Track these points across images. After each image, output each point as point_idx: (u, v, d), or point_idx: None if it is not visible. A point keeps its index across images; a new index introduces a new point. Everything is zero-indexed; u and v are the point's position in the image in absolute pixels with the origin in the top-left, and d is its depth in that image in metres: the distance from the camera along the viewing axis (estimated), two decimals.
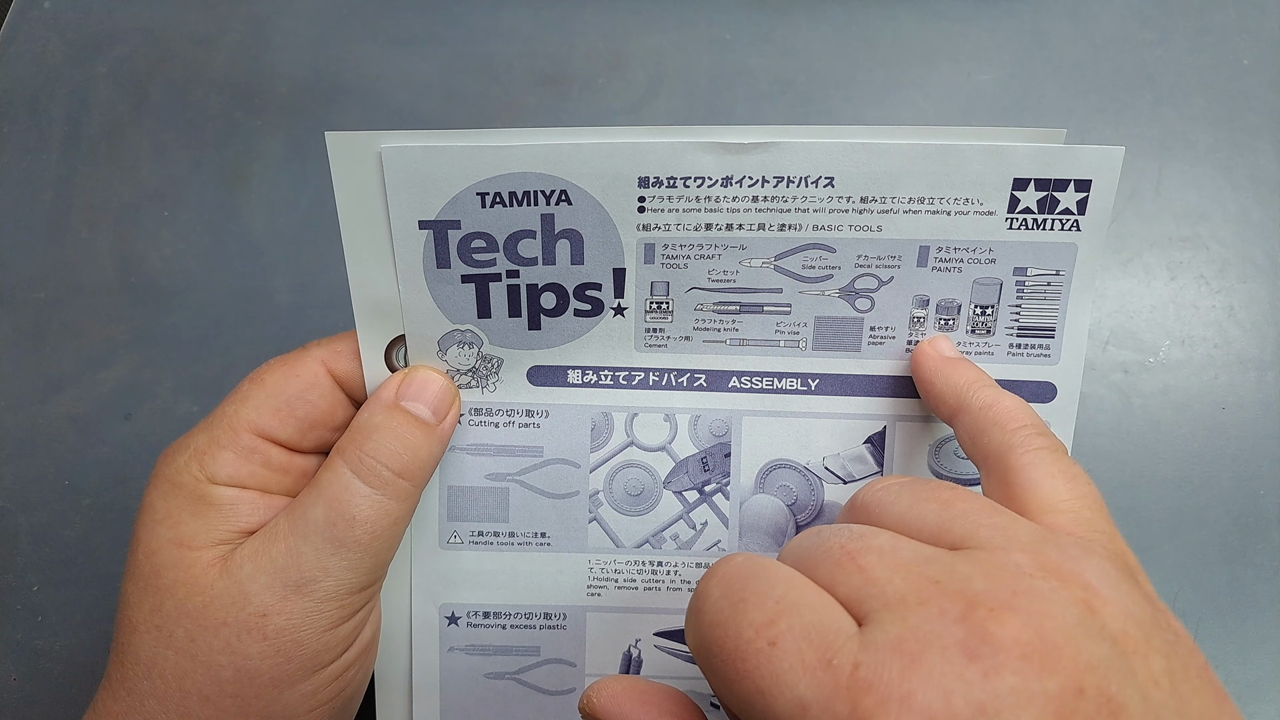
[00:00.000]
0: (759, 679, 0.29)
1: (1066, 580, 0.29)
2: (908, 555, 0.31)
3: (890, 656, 0.27)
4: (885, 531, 0.33)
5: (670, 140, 0.40)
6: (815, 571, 0.32)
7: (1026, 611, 0.28)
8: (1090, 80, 0.61)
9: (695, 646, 0.33)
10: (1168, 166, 0.59)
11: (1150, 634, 0.29)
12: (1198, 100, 0.60)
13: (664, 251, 0.42)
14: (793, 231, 0.42)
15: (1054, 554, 0.30)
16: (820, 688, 0.27)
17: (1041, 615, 0.28)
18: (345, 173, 0.40)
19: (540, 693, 0.46)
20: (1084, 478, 0.36)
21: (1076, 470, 0.36)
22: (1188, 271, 0.57)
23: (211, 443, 0.40)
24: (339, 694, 0.41)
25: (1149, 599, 0.31)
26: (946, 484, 0.34)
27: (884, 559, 0.31)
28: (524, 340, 0.43)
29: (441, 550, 0.45)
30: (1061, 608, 0.28)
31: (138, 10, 0.64)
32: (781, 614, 0.30)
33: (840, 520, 0.37)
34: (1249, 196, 0.59)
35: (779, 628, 0.29)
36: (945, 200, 0.41)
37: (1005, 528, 0.31)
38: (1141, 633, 0.29)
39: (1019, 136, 0.41)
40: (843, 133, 0.40)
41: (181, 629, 0.38)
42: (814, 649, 0.28)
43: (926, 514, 0.33)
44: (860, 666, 0.27)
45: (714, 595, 0.32)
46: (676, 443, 0.45)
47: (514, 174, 0.40)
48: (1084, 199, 0.41)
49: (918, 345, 0.43)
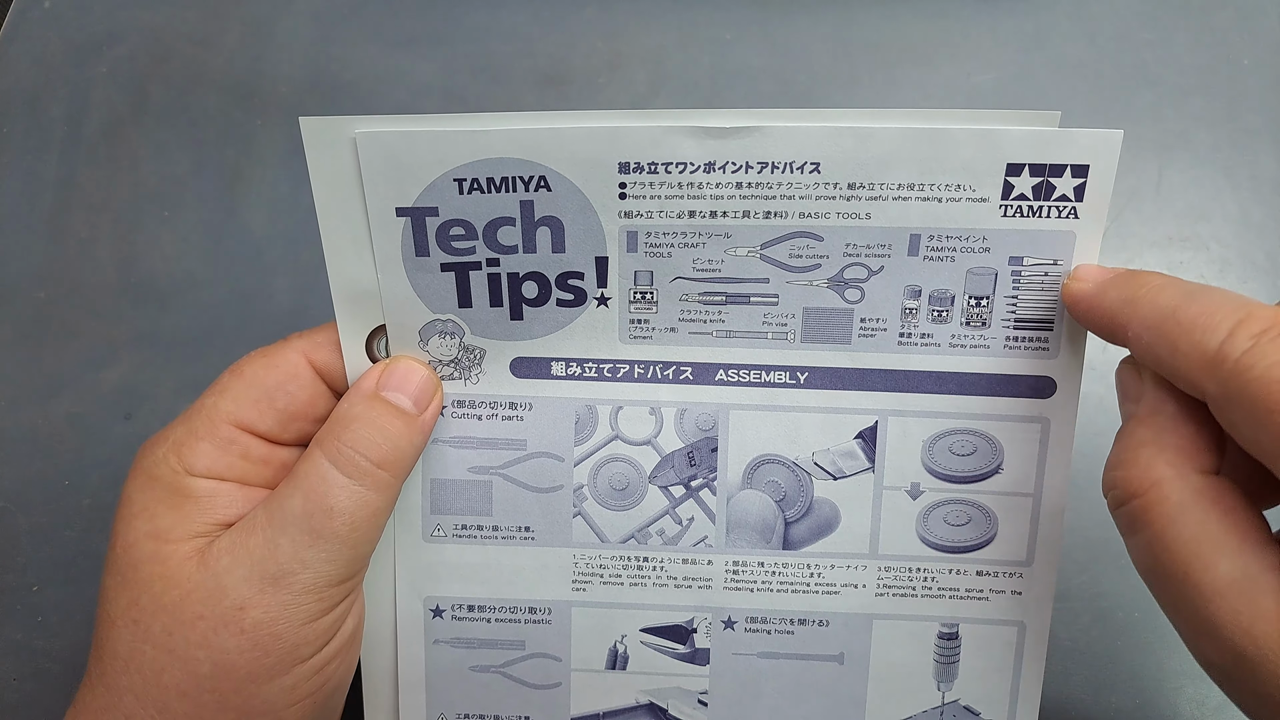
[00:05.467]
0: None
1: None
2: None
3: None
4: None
5: (650, 124, 0.39)
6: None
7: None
8: (1090, 80, 0.61)
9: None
10: (1168, 166, 0.59)
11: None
12: (1198, 100, 0.60)
13: (647, 240, 0.41)
14: (779, 219, 0.41)
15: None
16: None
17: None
18: (321, 159, 0.40)
19: (526, 686, 0.46)
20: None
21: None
22: (1188, 271, 0.57)
23: (190, 434, 0.40)
24: (320, 688, 0.41)
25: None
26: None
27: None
28: (506, 331, 0.43)
29: (425, 543, 0.45)
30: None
31: (138, 10, 0.64)
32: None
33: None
34: (1249, 196, 0.58)
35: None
36: (936, 186, 0.40)
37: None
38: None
39: (1012, 120, 0.40)
40: (829, 116, 0.40)
41: (158, 623, 0.38)
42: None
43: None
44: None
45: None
46: (662, 437, 0.44)
47: (491, 159, 0.40)
48: (1081, 185, 0.40)
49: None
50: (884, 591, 0.45)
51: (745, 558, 0.45)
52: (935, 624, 0.45)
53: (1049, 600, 0.45)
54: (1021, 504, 0.44)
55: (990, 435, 0.43)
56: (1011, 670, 0.45)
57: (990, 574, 0.44)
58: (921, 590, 0.45)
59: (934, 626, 0.45)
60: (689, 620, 0.45)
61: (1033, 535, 0.44)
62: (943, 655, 0.45)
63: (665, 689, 0.46)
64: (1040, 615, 0.45)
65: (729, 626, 0.45)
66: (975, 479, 0.44)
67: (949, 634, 0.45)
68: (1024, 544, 0.44)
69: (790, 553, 0.45)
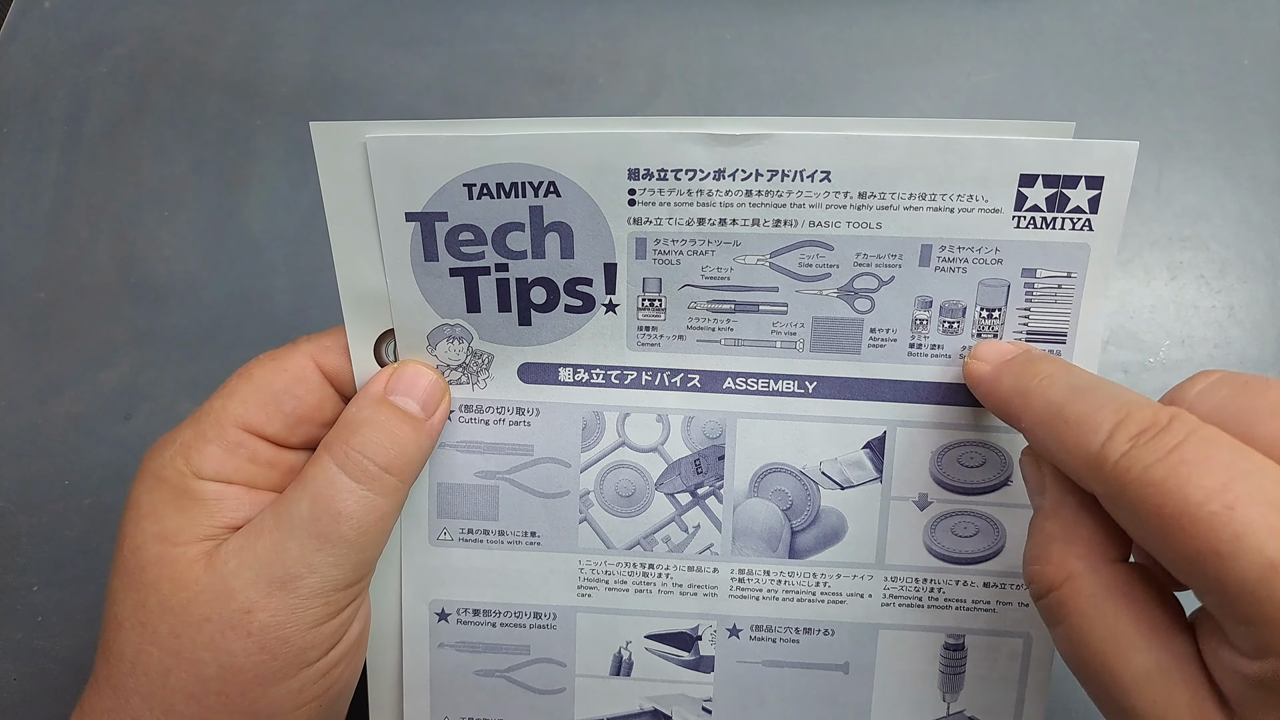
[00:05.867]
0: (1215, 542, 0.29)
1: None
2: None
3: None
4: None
5: (661, 131, 0.39)
6: (1253, 432, 0.32)
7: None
8: (1090, 80, 0.61)
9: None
10: (1168, 166, 0.59)
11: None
12: (1198, 100, 0.60)
13: (656, 246, 0.41)
14: (788, 228, 0.41)
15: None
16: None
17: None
18: (331, 164, 0.40)
19: (530, 691, 0.46)
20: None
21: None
22: (1188, 271, 0.57)
23: (197, 437, 0.40)
24: (326, 691, 0.41)
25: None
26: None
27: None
28: (514, 336, 0.43)
29: (431, 547, 0.45)
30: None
31: (138, 10, 0.64)
32: (1234, 480, 0.30)
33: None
34: (1249, 196, 0.58)
35: (1235, 493, 0.29)
36: (948, 197, 0.40)
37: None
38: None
39: (1026, 130, 0.39)
40: (839, 124, 0.40)
41: (165, 625, 0.38)
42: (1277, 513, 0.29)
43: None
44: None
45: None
46: (669, 444, 0.44)
47: (501, 165, 0.40)
48: (1096, 196, 0.40)
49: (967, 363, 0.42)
50: (890, 601, 0.45)
51: (751, 566, 0.45)
52: (941, 635, 0.45)
53: None
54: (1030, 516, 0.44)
55: (999, 447, 0.43)
56: (1017, 682, 0.45)
57: (997, 585, 0.45)
58: (928, 601, 0.45)
59: (940, 637, 0.45)
60: (694, 628, 0.45)
61: None
62: (948, 666, 0.45)
63: (669, 696, 0.46)
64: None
65: (734, 634, 0.45)
66: (983, 491, 0.44)
67: (955, 645, 0.45)
68: None
69: (796, 561, 0.45)
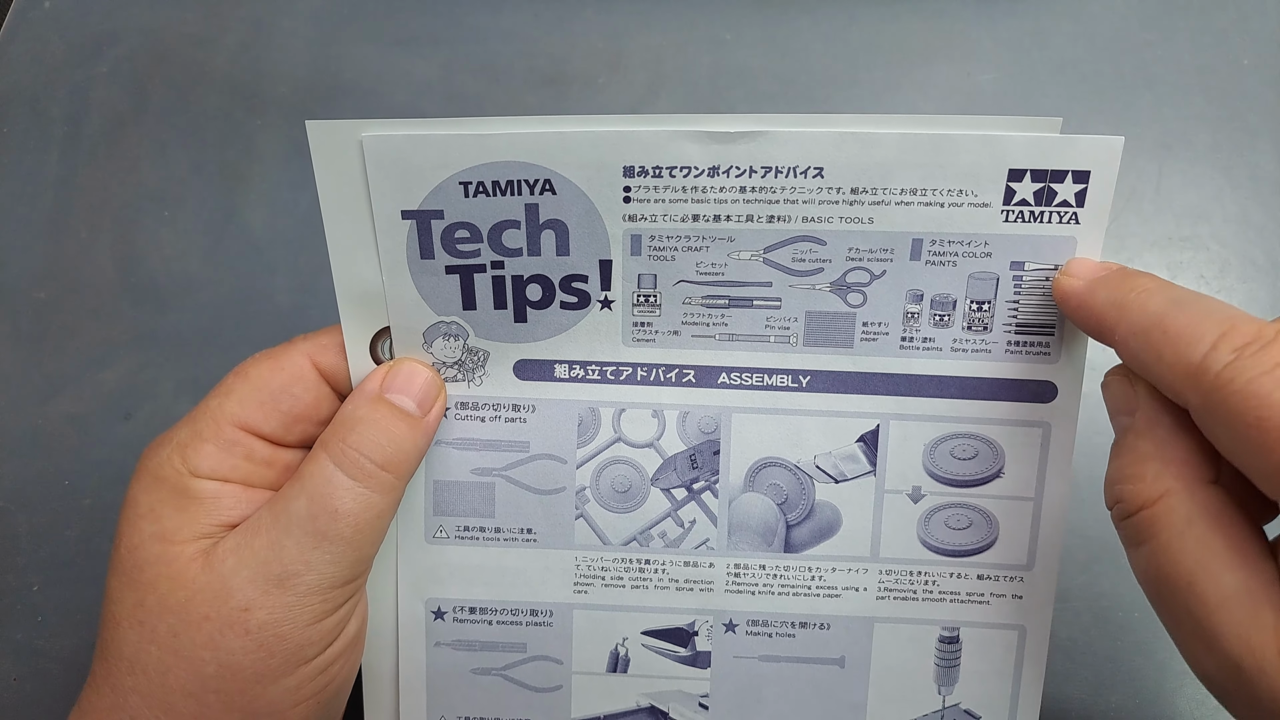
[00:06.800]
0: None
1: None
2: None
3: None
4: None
5: (655, 129, 0.39)
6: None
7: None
8: (1090, 80, 0.61)
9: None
10: (1168, 166, 0.59)
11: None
12: (1198, 100, 0.60)
13: (650, 243, 0.42)
14: (782, 223, 0.41)
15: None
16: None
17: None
18: (327, 162, 0.40)
19: (527, 689, 0.46)
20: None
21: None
22: (1188, 271, 0.57)
23: (194, 436, 0.40)
24: (324, 689, 0.41)
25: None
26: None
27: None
28: (510, 333, 0.43)
29: (427, 545, 0.45)
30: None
31: (138, 10, 0.64)
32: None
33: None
34: (1249, 196, 0.58)
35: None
36: (938, 192, 0.41)
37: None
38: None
39: (1014, 126, 0.40)
40: (832, 121, 0.40)
41: (164, 624, 0.38)
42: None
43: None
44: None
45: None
46: (664, 439, 0.44)
47: (497, 163, 0.40)
48: (1082, 190, 0.40)
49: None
50: (885, 595, 0.45)
51: (747, 560, 0.45)
52: (936, 627, 0.45)
53: (1049, 604, 0.45)
54: (1022, 508, 0.44)
55: (991, 439, 0.43)
56: (1012, 674, 0.45)
57: (991, 578, 0.45)
58: (922, 594, 0.45)
59: (935, 630, 0.45)
60: (690, 623, 0.46)
61: (1033, 539, 0.44)
62: (943, 659, 0.45)
63: (666, 692, 0.46)
64: (1041, 618, 0.45)
65: (730, 629, 0.45)
66: (976, 483, 0.44)
67: (950, 637, 0.45)
68: (1024, 548, 0.44)
69: (792, 556, 0.45)
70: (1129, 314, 0.36)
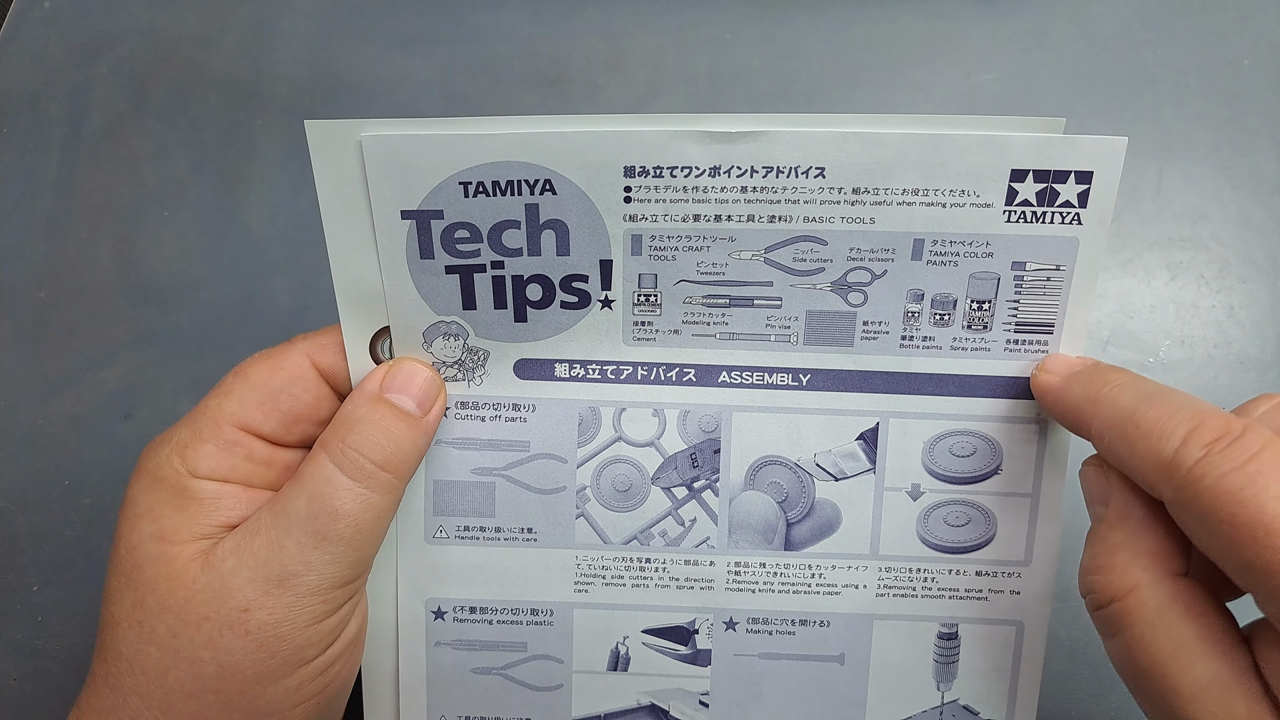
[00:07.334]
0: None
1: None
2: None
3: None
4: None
5: (656, 128, 0.39)
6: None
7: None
8: (1090, 80, 0.61)
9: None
10: (1168, 166, 0.59)
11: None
12: (1198, 100, 0.60)
13: (651, 243, 0.42)
14: (783, 223, 0.41)
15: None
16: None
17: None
18: (326, 162, 0.40)
19: (527, 688, 0.46)
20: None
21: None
22: (1188, 271, 0.57)
23: (194, 436, 0.40)
24: (324, 689, 0.41)
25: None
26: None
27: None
28: (510, 333, 0.43)
29: (427, 545, 0.45)
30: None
31: (138, 10, 0.64)
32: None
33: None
34: (1249, 196, 0.58)
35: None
36: (940, 192, 0.41)
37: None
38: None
39: (1017, 126, 0.40)
40: (834, 121, 0.40)
41: (163, 624, 0.38)
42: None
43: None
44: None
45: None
46: (665, 438, 0.44)
47: (497, 163, 0.40)
48: (1085, 191, 0.40)
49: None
50: (884, 592, 0.45)
51: (747, 559, 0.45)
52: (935, 624, 0.45)
53: (1047, 600, 0.45)
54: (1020, 504, 0.44)
55: (990, 437, 0.43)
56: (1010, 670, 0.45)
57: (989, 574, 0.45)
58: (921, 590, 0.45)
59: (933, 626, 0.45)
60: (691, 621, 0.46)
61: (1031, 535, 0.44)
62: (942, 655, 0.45)
63: (667, 690, 0.46)
64: (1038, 615, 0.45)
65: (730, 627, 0.45)
66: (975, 480, 0.44)
67: (948, 634, 0.45)
68: (1022, 544, 0.44)
69: (792, 553, 0.45)
70: (1102, 409, 0.37)
